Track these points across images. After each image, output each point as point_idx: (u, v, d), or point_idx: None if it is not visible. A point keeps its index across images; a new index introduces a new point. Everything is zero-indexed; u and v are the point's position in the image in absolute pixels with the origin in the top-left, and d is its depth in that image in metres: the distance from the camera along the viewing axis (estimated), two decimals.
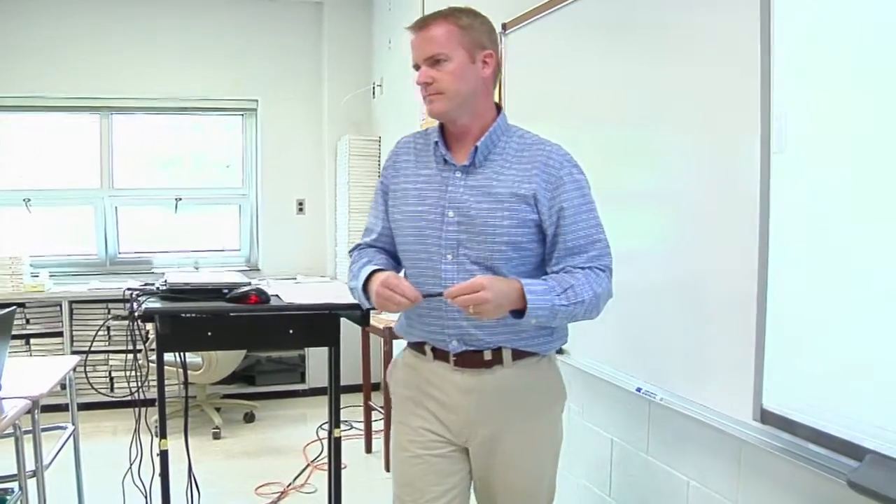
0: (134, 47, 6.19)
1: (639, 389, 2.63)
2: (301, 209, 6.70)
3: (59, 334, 5.74)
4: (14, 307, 2.96)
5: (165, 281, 2.68)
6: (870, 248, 1.69)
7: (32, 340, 5.69)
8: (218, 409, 5.57)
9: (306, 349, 6.20)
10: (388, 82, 6.03)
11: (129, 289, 2.73)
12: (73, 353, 5.65)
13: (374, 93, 6.42)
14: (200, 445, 5.03)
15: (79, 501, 3.56)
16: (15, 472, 2.81)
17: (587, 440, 3.15)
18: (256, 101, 6.55)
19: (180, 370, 5.13)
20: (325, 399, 5.66)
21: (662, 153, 2.57)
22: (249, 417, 5.65)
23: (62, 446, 3.30)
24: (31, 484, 2.91)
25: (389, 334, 4.49)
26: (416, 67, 2.10)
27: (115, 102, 6.30)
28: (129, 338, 2.76)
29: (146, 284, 2.75)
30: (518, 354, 2.11)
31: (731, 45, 2.18)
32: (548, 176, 2.04)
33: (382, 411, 4.61)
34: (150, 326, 3.34)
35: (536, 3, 3.27)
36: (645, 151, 2.66)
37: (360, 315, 2.79)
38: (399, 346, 2.39)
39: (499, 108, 2.17)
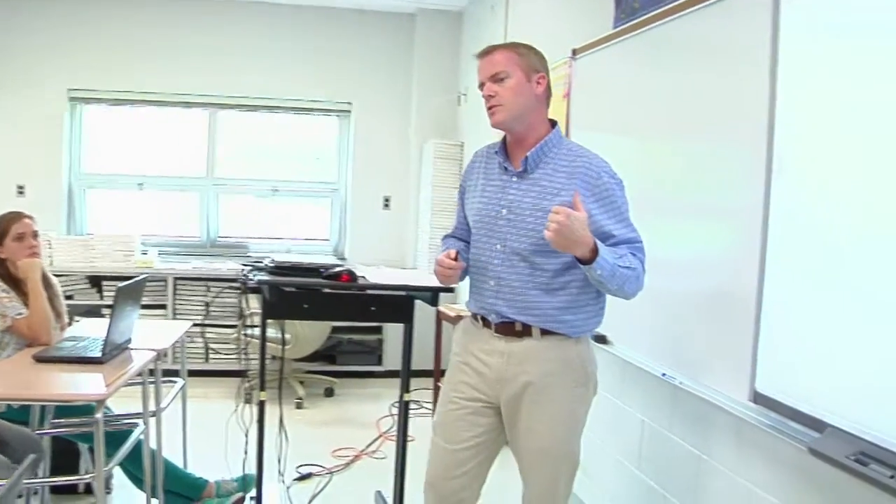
0: (239, 51, 6.76)
1: (663, 374, 3.01)
2: (387, 205, 7.16)
3: (164, 307, 6.35)
4: (146, 275, 3.54)
5: (272, 259, 3.19)
6: (847, 261, 2.03)
7: (141, 311, 6.28)
8: (302, 383, 6.11)
9: (384, 333, 6.73)
10: (473, 92, 6.25)
11: (243, 264, 3.25)
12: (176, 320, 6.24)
13: (459, 101, 6.84)
14: (285, 413, 5.53)
15: (183, 439, 4.11)
16: (140, 411, 3.37)
17: (622, 421, 3.54)
18: (350, 103, 7.04)
19: (271, 344, 5.77)
20: (398, 381, 6.18)
21: (689, 166, 2.94)
22: (329, 392, 6.19)
23: (175, 396, 3.85)
24: (152, 423, 3.46)
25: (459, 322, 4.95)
26: (481, 87, 2.52)
27: (221, 100, 6.88)
28: (238, 307, 3.29)
29: (256, 262, 3.27)
30: (546, 332, 2.49)
31: (747, 59, 2.51)
32: (586, 183, 2.41)
33: None
34: (249, 304, 3.86)
35: (603, 34, 3.66)
36: (677, 167, 3.04)
37: (431, 297, 3.26)
38: None
39: (553, 123, 2.57)
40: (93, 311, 6.18)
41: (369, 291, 3.24)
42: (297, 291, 3.18)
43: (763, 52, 2.38)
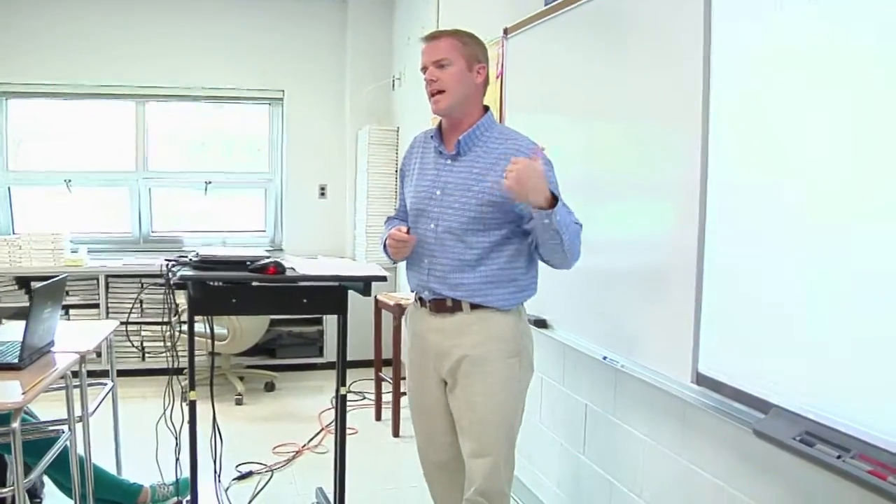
0: (168, 40, 6.58)
1: (605, 358, 2.97)
2: (323, 194, 7.07)
3: (96, 305, 6.16)
4: (66, 275, 3.39)
5: (197, 253, 3.07)
6: (787, 236, 2.00)
7: (71, 311, 6.12)
8: (241, 379, 5.98)
9: (324, 324, 6.62)
10: (407, 76, 6.35)
11: (166, 259, 3.13)
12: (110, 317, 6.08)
13: (393, 85, 6.76)
14: (224, 410, 5.41)
15: (115, 444, 3.97)
16: (66, 417, 3.22)
17: (566, 405, 3.50)
18: (283, 91, 6.91)
19: (209, 340, 5.63)
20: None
21: (625, 146, 2.90)
22: (270, 387, 6.06)
23: (103, 398, 3.71)
24: (79, 428, 3.32)
25: (399, 311, 4.88)
26: (424, 70, 2.61)
27: (149, 91, 6.68)
28: (164, 304, 3.17)
29: (181, 257, 3.15)
30: (476, 306, 2.60)
31: (681, 36, 2.48)
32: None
33: (392, 382, 4.99)
34: (180, 300, 3.74)
35: (534, 11, 3.59)
36: (614, 147, 2.99)
37: (363, 287, 3.17)
38: None
39: (486, 108, 2.67)
40: (21, 314, 5.95)
41: (301, 283, 3.14)
42: (224, 286, 3.07)
43: (696, 27, 2.35)
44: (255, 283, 3.10)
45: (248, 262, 3.01)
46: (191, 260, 3.05)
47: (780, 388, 2.02)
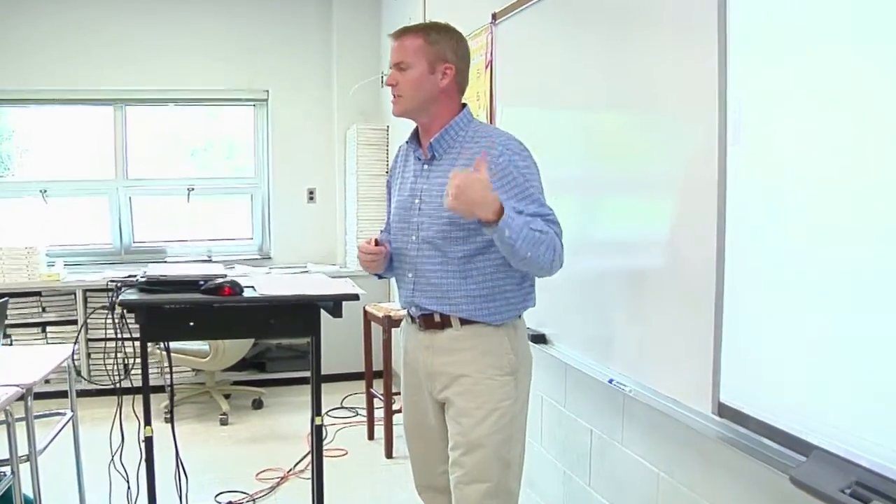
0: (145, 40, 6.26)
1: (611, 381, 2.64)
2: (312, 198, 6.76)
3: (75, 322, 5.84)
4: (6, 299, 3.05)
5: (144, 273, 2.74)
6: (824, 244, 1.68)
7: (48, 328, 5.82)
8: (227, 396, 5.66)
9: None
10: None
11: (111, 280, 2.81)
12: (89, 340, 5.77)
13: (381, 82, 6.43)
14: (207, 430, 5.14)
15: (79, 486, 3.60)
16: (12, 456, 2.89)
17: (569, 429, 3.18)
18: (267, 91, 6.60)
19: (190, 357, 5.31)
20: (334, 385, 5.84)
21: (631, 141, 2.58)
22: (258, 404, 5.72)
23: (58, 432, 3.37)
24: (26, 469, 2.99)
25: (388, 323, 4.57)
26: (390, 69, 2.42)
27: (127, 94, 6.37)
28: (114, 328, 2.84)
29: (129, 276, 2.82)
30: (466, 322, 2.38)
31: (691, 32, 2.19)
32: (486, 163, 2.17)
33: (383, 399, 4.67)
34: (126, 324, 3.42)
35: None
36: (614, 140, 2.68)
37: (333, 306, 2.84)
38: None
39: (463, 107, 2.45)
40: None
41: (265, 303, 2.80)
42: (179, 308, 2.73)
43: (710, 7, 2.04)
44: (215, 304, 2.77)
45: (201, 283, 2.68)
46: (137, 281, 2.72)
47: (823, 425, 1.68)
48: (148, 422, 2.81)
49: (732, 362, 2.02)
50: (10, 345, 5.73)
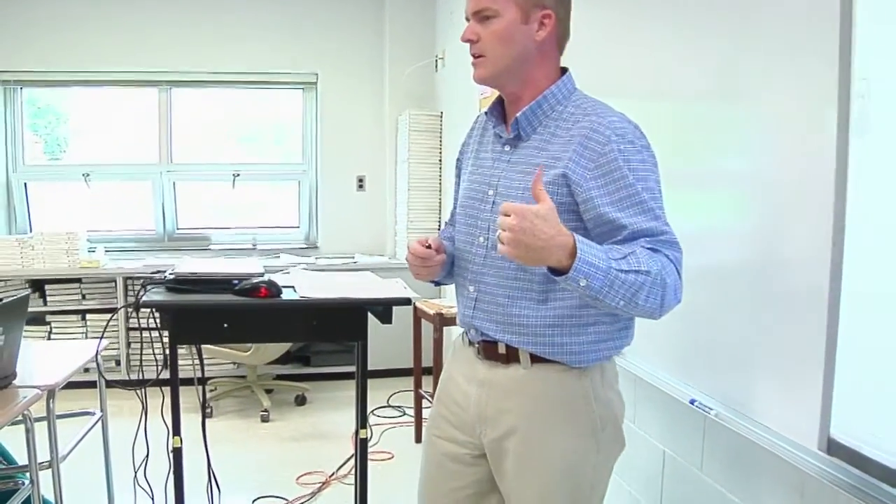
0: (192, 22, 6.08)
1: (693, 401, 2.31)
2: (361, 186, 6.52)
3: (115, 310, 5.65)
4: (28, 292, 2.81)
5: (173, 271, 2.49)
6: None
7: (88, 316, 5.66)
8: (269, 391, 5.45)
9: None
10: (451, 55, 5.77)
11: (139, 276, 2.57)
12: (129, 329, 5.58)
13: (436, 66, 6.17)
14: (248, 428, 4.92)
15: (108, 494, 3.36)
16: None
17: (636, 446, 2.87)
18: (316, 74, 6.36)
19: (230, 350, 5.09)
20: (380, 381, 5.58)
21: (735, 130, 2.24)
22: (301, 400, 5.47)
23: (84, 435, 3.14)
24: (47, 476, 2.76)
25: (440, 320, 4.33)
26: (468, 20, 1.86)
27: (173, 77, 6.18)
28: (138, 329, 2.59)
29: (157, 272, 2.57)
30: (539, 359, 1.83)
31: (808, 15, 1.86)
32: (586, 150, 1.72)
33: (431, 399, 4.40)
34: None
35: None
36: (717, 128, 2.34)
37: (381, 311, 2.56)
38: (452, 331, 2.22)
39: (564, 71, 1.89)
40: (37, 319, 5.58)
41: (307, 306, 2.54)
42: (213, 309, 2.47)
43: None
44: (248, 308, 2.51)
45: (235, 283, 2.41)
46: (165, 279, 2.46)
47: None
48: (177, 431, 2.56)
49: (848, 390, 1.68)
50: (50, 332, 5.58)
